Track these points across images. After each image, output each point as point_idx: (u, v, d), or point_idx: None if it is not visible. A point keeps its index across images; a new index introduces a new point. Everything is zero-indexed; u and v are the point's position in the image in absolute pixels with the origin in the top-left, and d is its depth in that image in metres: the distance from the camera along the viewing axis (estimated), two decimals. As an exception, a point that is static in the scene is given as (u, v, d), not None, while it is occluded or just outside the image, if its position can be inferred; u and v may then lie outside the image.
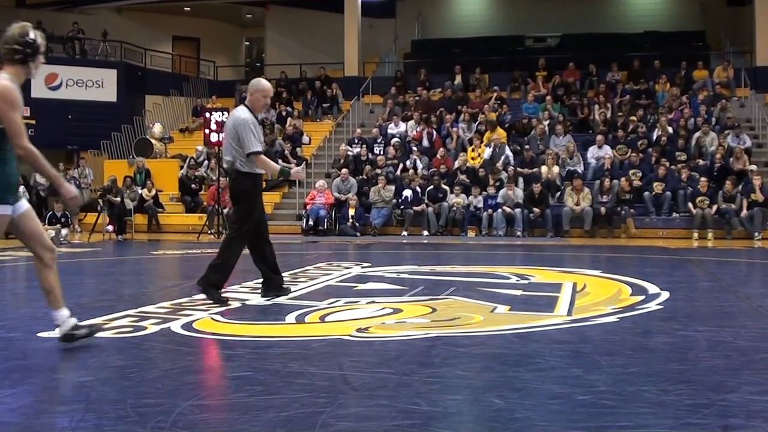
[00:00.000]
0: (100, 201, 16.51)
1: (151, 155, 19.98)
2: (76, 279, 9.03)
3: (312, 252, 12.32)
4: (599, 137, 17.51)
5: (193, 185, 18.41)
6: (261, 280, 6.69)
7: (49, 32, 22.47)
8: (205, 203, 17.44)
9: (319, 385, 3.68)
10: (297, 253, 11.99)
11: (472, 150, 17.75)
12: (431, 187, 16.47)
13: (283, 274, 6.87)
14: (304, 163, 17.67)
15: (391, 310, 5.85)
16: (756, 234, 14.59)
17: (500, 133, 18.15)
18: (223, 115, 15.57)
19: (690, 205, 15.32)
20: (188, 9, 26.41)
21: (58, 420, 3.15)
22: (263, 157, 6.36)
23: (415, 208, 16.20)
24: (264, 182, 18.47)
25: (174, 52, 26.68)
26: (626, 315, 5.69)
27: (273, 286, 6.62)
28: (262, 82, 6.49)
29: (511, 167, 16.95)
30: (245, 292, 6.89)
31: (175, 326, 5.20)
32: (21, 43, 4.18)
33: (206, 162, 19.25)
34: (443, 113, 19.77)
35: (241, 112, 6.34)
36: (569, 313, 5.77)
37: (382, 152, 18.34)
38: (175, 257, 11.61)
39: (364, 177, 17.21)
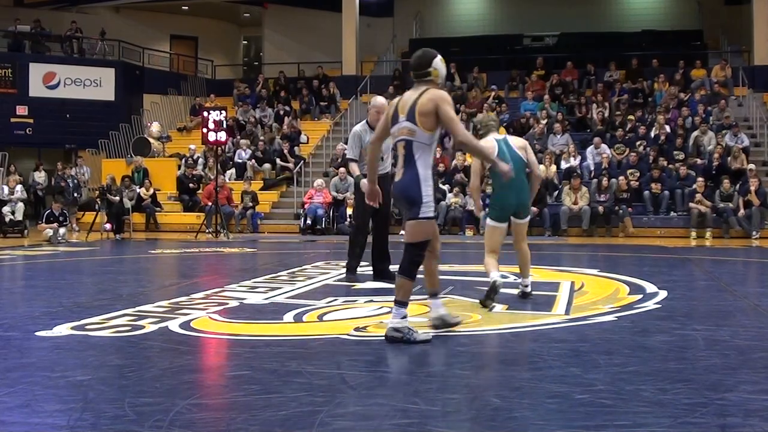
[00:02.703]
0: (98, 200, 16.47)
1: (149, 154, 19.94)
2: (74, 278, 9.03)
3: (310, 251, 12.30)
4: (597, 138, 17.50)
5: (191, 184, 18.40)
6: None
7: (47, 31, 22.53)
8: (202, 202, 17.42)
9: (317, 384, 3.67)
10: (295, 252, 11.98)
11: (471, 148, 17.72)
12: (429, 186, 16.43)
13: (282, 273, 6.87)
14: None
15: (389, 309, 5.84)
16: (754, 233, 14.59)
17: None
18: (220, 114, 15.51)
19: (688, 204, 15.31)
20: (186, 8, 26.36)
21: (56, 419, 3.15)
22: (351, 163, 7.33)
23: (413, 207, 16.17)
24: (263, 181, 18.76)
25: (172, 51, 26.63)
26: (624, 314, 5.69)
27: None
28: (376, 99, 7.29)
29: (509, 166, 16.92)
30: (243, 290, 6.89)
31: (173, 325, 5.20)
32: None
33: (203, 161, 19.24)
34: (441, 112, 19.74)
35: (358, 124, 7.46)
36: (567, 312, 5.78)
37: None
38: (173, 256, 11.59)
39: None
